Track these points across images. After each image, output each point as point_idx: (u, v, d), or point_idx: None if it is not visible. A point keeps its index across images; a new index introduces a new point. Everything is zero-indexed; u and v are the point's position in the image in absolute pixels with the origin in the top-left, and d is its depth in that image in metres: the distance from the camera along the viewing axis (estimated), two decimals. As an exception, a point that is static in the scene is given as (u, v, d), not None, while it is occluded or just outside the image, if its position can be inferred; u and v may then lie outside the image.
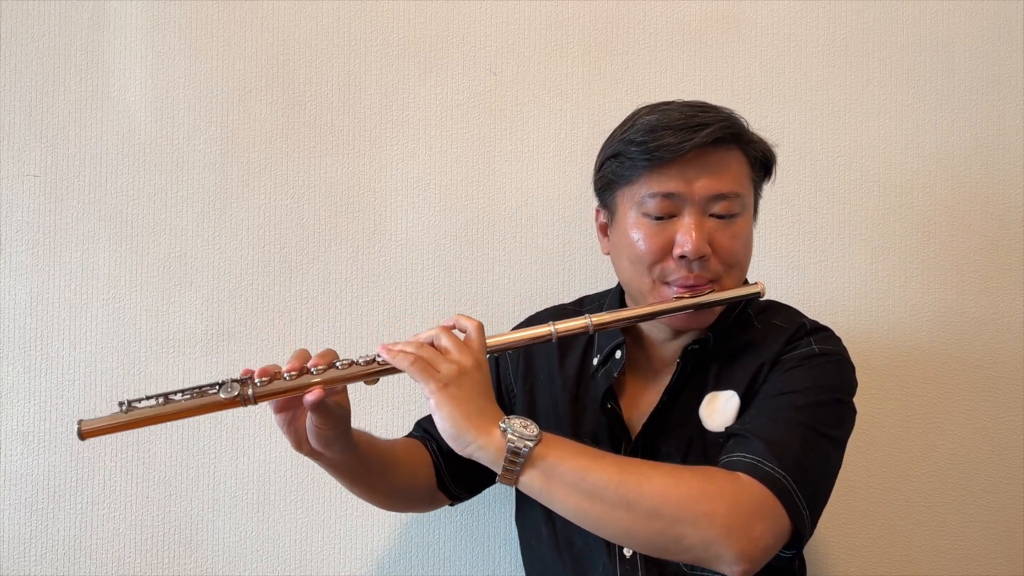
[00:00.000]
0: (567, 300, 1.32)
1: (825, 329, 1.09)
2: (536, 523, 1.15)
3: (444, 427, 0.91)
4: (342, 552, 1.44)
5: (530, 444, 0.89)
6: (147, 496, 1.43)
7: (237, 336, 1.45)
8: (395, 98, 1.47)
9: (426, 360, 0.93)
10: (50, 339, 1.43)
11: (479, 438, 0.90)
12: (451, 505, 1.22)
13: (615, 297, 1.19)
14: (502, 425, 0.91)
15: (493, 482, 1.21)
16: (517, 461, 0.89)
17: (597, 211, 1.15)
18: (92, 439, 0.92)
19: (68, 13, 1.45)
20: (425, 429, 1.20)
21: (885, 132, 1.48)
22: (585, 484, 0.89)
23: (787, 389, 1.01)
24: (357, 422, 1.03)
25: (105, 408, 1.42)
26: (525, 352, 1.22)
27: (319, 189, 1.46)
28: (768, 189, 1.14)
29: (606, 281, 1.26)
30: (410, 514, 1.43)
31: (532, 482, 0.90)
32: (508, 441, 0.89)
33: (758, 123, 1.11)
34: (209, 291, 1.45)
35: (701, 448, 1.04)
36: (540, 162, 1.48)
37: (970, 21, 1.48)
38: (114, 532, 1.42)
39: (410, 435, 1.22)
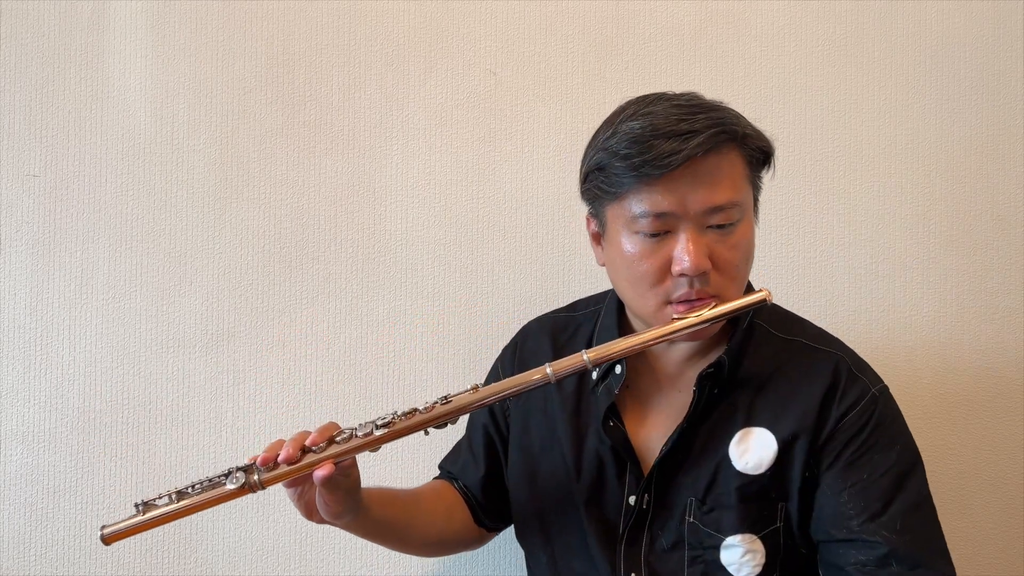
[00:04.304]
0: (566, 301, 1.31)
1: (865, 367, 1.04)
2: (535, 549, 1.12)
3: None
4: (342, 552, 1.44)
5: None
6: (147, 496, 1.42)
7: (237, 336, 1.45)
8: (395, 98, 1.47)
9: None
10: (50, 339, 1.43)
11: None
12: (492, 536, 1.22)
13: (612, 305, 1.12)
14: None
15: None
16: None
17: (588, 219, 1.06)
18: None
19: (68, 13, 1.45)
20: (448, 471, 1.19)
21: (885, 132, 1.48)
22: None
23: (887, 481, 0.98)
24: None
25: (105, 408, 1.43)
26: (520, 367, 1.14)
27: (319, 189, 1.46)
28: (768, 189, 1.12)
29: (606, 281, 1.26)
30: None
31: None
32: None
33: (758, 123, 1.10)
34: (209, 291, 1.45)
35: (726, 485, 0.99)
36: (540, 162, 1.48)
37: (970, 21, 1.48)
38: (114, 532, 1.42)
39: (437, 478, 1.21)
